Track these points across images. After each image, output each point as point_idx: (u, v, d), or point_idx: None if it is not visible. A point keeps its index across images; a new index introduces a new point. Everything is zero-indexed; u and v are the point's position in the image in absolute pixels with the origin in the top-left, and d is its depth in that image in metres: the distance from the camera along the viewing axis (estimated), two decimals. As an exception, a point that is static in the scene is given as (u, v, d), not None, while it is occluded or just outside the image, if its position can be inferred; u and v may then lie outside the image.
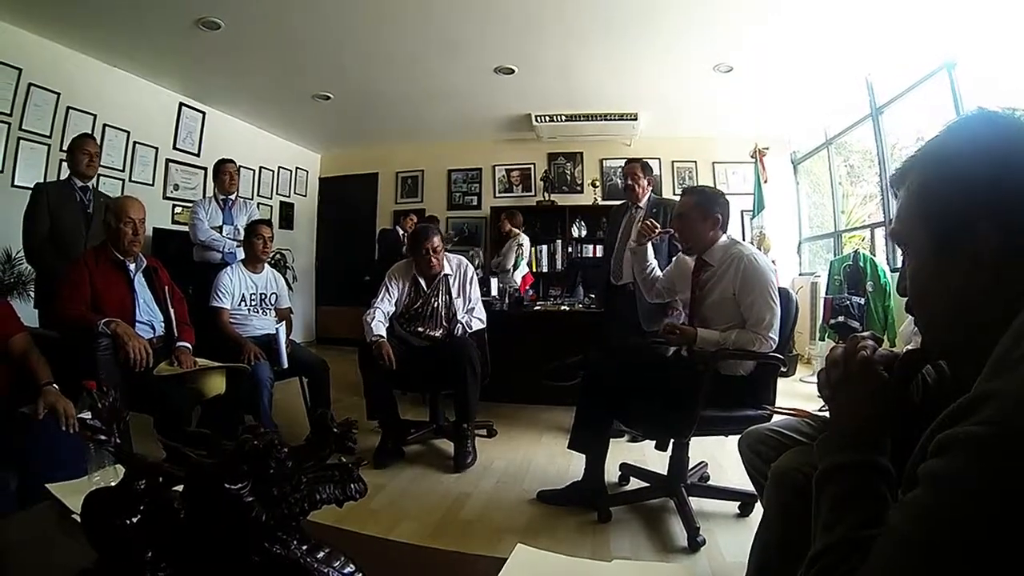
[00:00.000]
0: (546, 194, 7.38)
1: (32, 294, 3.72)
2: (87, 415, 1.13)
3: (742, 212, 6.71)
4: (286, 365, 3.26)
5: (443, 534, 2.32)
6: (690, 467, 2.55)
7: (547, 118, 6.65)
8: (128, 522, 0.93)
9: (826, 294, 5.26)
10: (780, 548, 1.08)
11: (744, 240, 5.03)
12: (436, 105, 6.30)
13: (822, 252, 6.85)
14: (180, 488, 0.90)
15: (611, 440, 2.65)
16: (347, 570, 0.84)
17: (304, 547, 0.82)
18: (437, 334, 3.34)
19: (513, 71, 5.30)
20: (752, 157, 6.56)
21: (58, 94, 4.60)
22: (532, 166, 7.64)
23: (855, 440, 0.82)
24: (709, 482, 2.72)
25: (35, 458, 1.72)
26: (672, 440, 2.44)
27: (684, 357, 2.54)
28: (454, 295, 3.39)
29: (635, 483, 2.74)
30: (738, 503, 2.43)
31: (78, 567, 0.98)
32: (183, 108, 5.93)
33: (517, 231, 5.99)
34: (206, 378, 2.71)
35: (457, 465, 3.05)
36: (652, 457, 2.86)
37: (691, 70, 5.11)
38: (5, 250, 3.92)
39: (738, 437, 1.59)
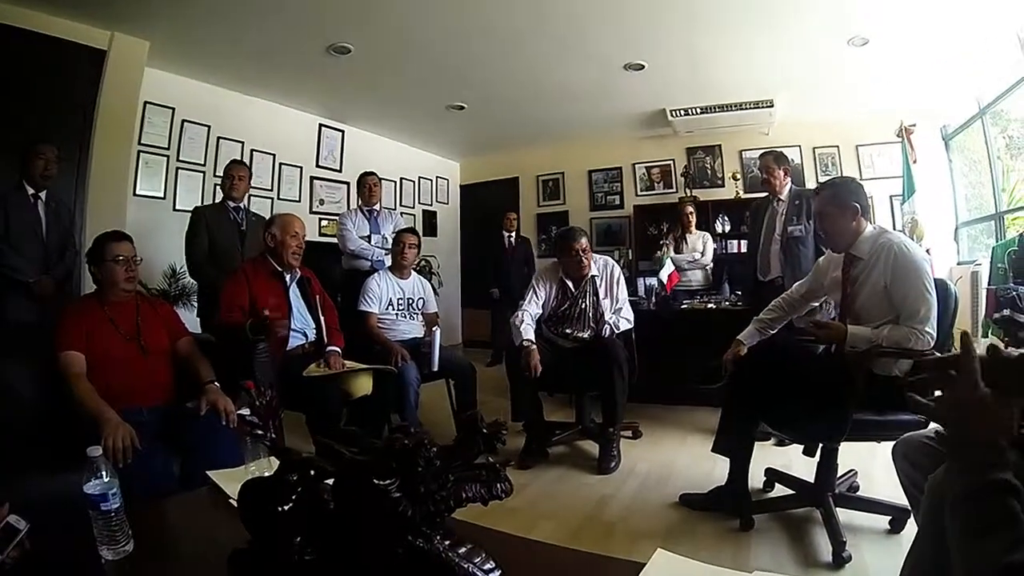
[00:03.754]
0: (687, 190, 7.08)
1: (195, 304, 4.15)
2: (245, 411, 1.23)
3: (891, 197, 6.18)
4: (436, 368, 3.37)
5: (583, 536, 2.32)
6: (839, 475, 2.38)
7: (681, 112, 6.42)
8: (280, 509, 0.99)
9: (988, 284, 4.70)
10: (935, 571, 0.97)
11: (895, 228, 4.59)
12: (569, 106, 6.27)
13: (982, 237, 6.09)
14: (330, 482, 0.96)
15: (756, 443, 2.53)
16: (487, 566, 0.85)
17: (447, 542, 0.84)
18: (585, 335, 3.33)
19: (643, 67, 5.16)
20: (898, 136, 5.97)
21: (208, 126, 5.11)
22: (671, 162, 7.41)
23: (973, 461, 0.77)
24: (858, 492, 2.53)
25: (197, 447, 1.90)
26: (820, 445, 2.29)
27: (833, 355, 2.36)
28: (601, 296, 3.36)
29: (780, 490, 2.62)
30: (889, 517, 2.23)
31: (232, 545, 1.07)
32: (323, 128, 6.34)
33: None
34: (353, 379, 2.88)
35: (601, 467, 3.04)
36: (799, 463, 2.70)
37: (822, 46, 4.72)
38: (171, 266, 4.41)
39: (892, 444, 1.51)
